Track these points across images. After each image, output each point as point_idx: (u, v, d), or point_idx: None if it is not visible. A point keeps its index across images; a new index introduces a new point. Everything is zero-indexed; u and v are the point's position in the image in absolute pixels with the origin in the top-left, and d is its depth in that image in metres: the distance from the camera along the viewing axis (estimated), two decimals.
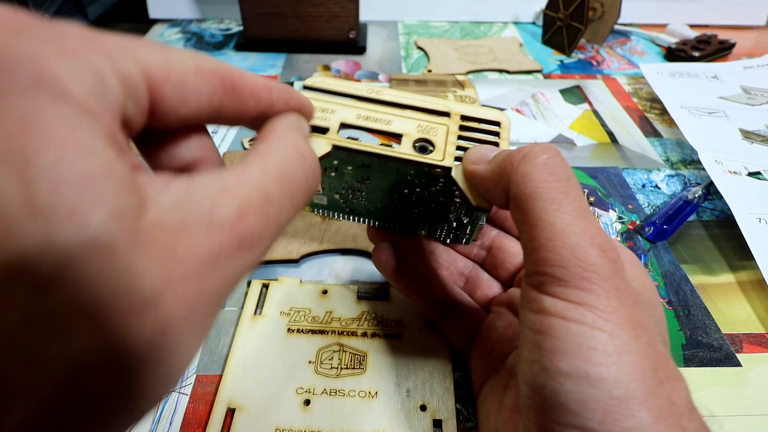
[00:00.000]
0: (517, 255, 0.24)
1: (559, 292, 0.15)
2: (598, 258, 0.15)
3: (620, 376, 0.13)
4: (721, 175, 0.34)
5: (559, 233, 0.15)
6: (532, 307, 0.15)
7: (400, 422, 0.22)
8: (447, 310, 0.24)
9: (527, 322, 0.15)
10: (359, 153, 0.20)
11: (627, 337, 0.14)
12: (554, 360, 0.14)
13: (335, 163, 0.22)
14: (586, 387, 0.13)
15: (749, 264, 0.30)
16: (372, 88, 0.22)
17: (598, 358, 0.14)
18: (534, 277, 0.15)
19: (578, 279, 0.14)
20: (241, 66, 0.50)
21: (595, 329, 0.14)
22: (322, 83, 0.22)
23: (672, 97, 0.43)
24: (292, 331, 0.26)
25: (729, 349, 0.26)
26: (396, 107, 0.22)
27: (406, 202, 0.23)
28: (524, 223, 0.16)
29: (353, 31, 0.51)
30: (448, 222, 0.24)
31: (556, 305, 0.14)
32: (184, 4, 0.58)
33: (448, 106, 0.22)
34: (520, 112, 0.44)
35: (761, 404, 0.24)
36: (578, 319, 0.14)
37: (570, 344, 0.14)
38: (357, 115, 0.21)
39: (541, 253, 0.15)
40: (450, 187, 0.22)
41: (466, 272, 0.25)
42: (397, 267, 0.24)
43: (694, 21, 0.59)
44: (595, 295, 0.14)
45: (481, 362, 0.22)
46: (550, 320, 0.14)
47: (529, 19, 0.60)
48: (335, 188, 0.23)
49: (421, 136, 0.21)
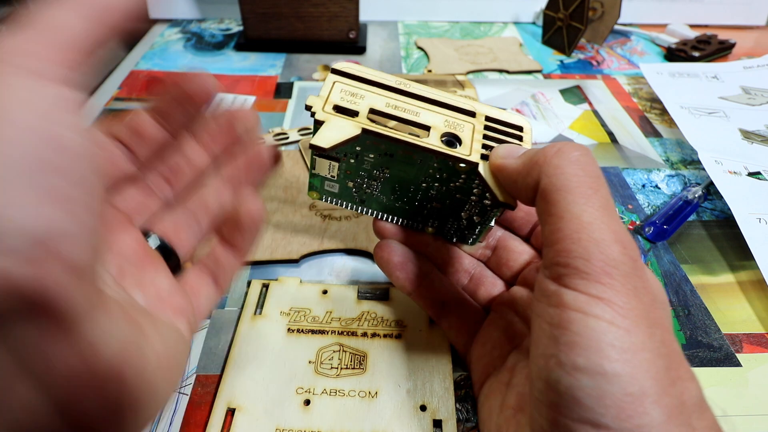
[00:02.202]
0: (522, 254, 0.24)
1: (580, 284, 0.15)
2: (621, 255, 0.15)
3: (636, 373, 0.14)
4: (721, 175, 0.34)
5: (586, 226, 0.15)
6: (551, 301, 0.15)
7: (400, 422, 0.22)
8: (447, 309, 0.24)
9: (544, 317, 0.15)
10: (387, 140, 0.20)
11: (643, 335, 0.14)
12: (571, 355, 0.14)
13: (358, 149, 0.21)
14: (602, 383, 0.14)
15: (749, 264, 0.30)
16: (400, 80, 0.22)
17: (615, 355, 0.14)
18: (554, 269, 0.15)
19: (600, 273, 0.15)
20: (241, 66, 0.50)
21: (613, 325, 0.14)
22: (351, 68, 0.21)
23: (672, 97, 0.43)
24: (292, 331, 0.26)
25: (729, 349, 0.26)
26: (423, 101, 0.22)
27: (420, 197, 0.23)
28: (551, 215, 0.16)
29: (353, 31, 0.51)
30: (459, 220, 0.24)
31: (576, 299, 0.15)
32: (184, 4, 0.58)
33: (474, 106, 0.22)
34: (520, 112, 0.44)
35: (761, 404, 0.24)
36: (597, 314, 0.14)
37: (588, 339, 0.14)
38: (386, 103, 0.21)
39: (565, 243, 0.15)
40: (470, 185, 0.22)
41: (471, 270, 0.26)
42: (399, 265, 0.24)
43: (694, 21, 0.59)
44: (615, 291, 0.14)
45: (482, 361, 0.22)
46: (569, 314, 0.15)
47: (529, 19, 0.60)
48: (351, 176, 0.23)
49: (448, 131, 0.21)
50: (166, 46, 0.53)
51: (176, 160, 0.22)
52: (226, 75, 0.48)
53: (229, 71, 0.49)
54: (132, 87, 0.46)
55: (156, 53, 0.52)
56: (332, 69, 0.21)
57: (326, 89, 0.21)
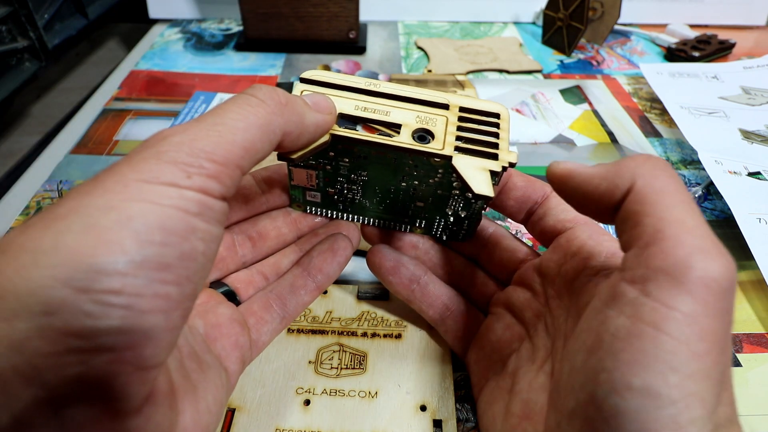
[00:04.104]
0: (515, 252, 0.24)
1: (666, 294, 0.13)
2: (723, 268, 0.13)
3: (691, 402, 0.13)
4: (721, 175, 0.34)
5: (691, 230, 0.14)
6: (624, 310, 0.14)
7: (400, 422, 0.22)
8: (443, 312, 0.24)
9: (608, 325, 0.14)
10: (357, 143, 0.20)
11: (711, 362, 0.13)
12: (628, 374, 0.13)
13: (331, 154, 0.21)
14: (652, 407, 0.13)
15: (749, 264, 0.30)
16: (370, 81, 0.22)
17: (676, 380, 0.13)
18: (643, 271, 0.14)
19: (697, 285, 0.13)
20: (241, 66, 0.50)
21: (684, 346, 0.13)
22: (318, 76, 0.21)
23: (672, 97, 0.43)
24: (292, 331, 0.26)
25: None
26: (394, 99, 0.21)
27: (402, 197, 0.23)
28: (648, 215, 0.15)
29: (353, 31, 0.51)
30: (445, 217, 0.24)
31: (654, 312, 0.13)
32: (184, 4, 0.58)
33: (447, 98, 0.21)
34: (520, 112, 0.44)
35: (761, 404, 0.24)
36: (671, 332, 0.13)
37: (652, 360, 0.13)
38: (355, 106, 0.21)
39: (665, 245, 0.14)
40: (448, 179, 0.22)
41: (462, 270, 0.25)
42: (391, 270, 0.24)
43: (694, 21, 0.59)
44: (703, 308, 0.13)
45: (480, 364, 0.22)
46: (640, 328, 0.13)
47: (529, 19, 0.60)
48: (330, 183, 0.23)
49: (420, 126, 0.20)
50: (166, 46, 0.53)
51: (265, 225, 0.24)
52: (226, 75, 0.48)
53: (229, 71, 0.49)
54: (132, 87, 0.46)
55: (156, 53, 0.52)
56: (300, 78, 0.21)
57: None
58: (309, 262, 0.23)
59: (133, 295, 0.12)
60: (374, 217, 0.25)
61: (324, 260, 0.23)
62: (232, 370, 0.19)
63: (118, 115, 0.42)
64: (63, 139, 0.40)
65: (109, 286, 0.11)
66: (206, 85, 0.46)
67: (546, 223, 0.22)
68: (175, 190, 0.13)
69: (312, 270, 0.23)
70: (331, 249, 0.24)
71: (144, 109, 0.43)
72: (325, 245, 0.24)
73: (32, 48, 0.45)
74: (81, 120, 0.42)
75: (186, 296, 0.13)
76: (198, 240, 0.13)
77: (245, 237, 0.23)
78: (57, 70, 0.57)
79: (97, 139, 0.39)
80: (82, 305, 0.11)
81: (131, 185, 0.12)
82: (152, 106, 0.43)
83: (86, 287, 0.11)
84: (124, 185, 0.12)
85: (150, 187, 0.13)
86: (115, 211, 0.12)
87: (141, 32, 0.56)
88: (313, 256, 0.23)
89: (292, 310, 0.23)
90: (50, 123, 0.50)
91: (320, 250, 0.24)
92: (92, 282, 0.11)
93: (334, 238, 0.24)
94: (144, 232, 0.12)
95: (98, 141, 0.39)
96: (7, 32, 0.43)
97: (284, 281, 0.23)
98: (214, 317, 0.20)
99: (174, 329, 0.13)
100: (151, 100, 0.44)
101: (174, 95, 0.45)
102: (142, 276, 0.12)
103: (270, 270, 0.24)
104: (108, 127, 0.41)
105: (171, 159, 0.13)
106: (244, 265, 0.24)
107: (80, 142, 0.39)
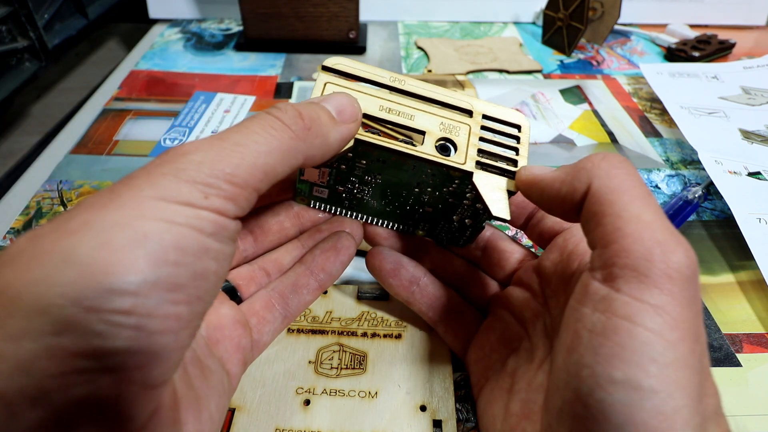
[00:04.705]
0: (513, 254, 0.24)
1: (635, 289, 0.14)
2: (684, 258, 0.14)
3: (673, 391, 0.13)
4: (721, 175, 0.34)
5: (648, 225, 0.14)
6: (597, 306, 0.14)
7: (400, 422, 0.22)
8: (443, 314, 0.24)
9: (585, 323, 0.14)
10: (380, 149, 0.20)
11: (687, 349, 0.13)
12: (608, 368, 0.13)
13: (350, 155, 0.21)
14: (636, 399, 0.13)
15: (749, 264, 0.30)
16: (394, 75, 0.21)
17: (655, 370, 0.13)
18: (609, 270, 0.14)
19: (661, 276, 0.13)
20: (241, 66, 0.50)
21: (659, 337, 0.13)
22: (342, 65, 0.20)
23: (672, 97, 0.43)
24: (292, 331, 0.26)
25: (729, 349, 0.26)
26: (418, 99, 0.21)
27: (412, 201, 0.23)
28: (607, 215, 0.15)
29: (353, 31, 0.51)
30: (450, 223, 0.24)
31: (626, 306, 0.14)
32: (184, 4, 0.58)
33: (471, 104, 0.21)
34: (520, 112, 0.44)
35: (761, 404, 0.24)
36: (646, 324, 0.13)
37: (630, 352, 0.13)
38: (379, 105, 0.20)
39: (626, 242, 0.14)
40: (462, 189, 0.21)
41: (462, 271, 0.25)
42: (391, 273, 0.24)
43: (694, 21, 0.59)
44: (671, 298, 0.13)
45: (480, 364, 0.22)
46: (615, 322, 0.14)
47: (529, 19, 0.60)
48: (341, 182, 0.23)
49: (443, 135, 0.20)
50: (166, 46, 0.53)
51: (267, 219, 0.24)
52: (226, 75, 0.48)
53: (229, 71, 0.49)
54: (132, 87, 0.46)
55: (156, 53, 0.52)
56: (323, 66, 0.21)
57: (318, 90, 0.20)
58: (312, 260, 0.23)
59: (143, 316, 0.11)
60: (378, 218, 0.25)
61: (327, 258, 0.23)
62: (234, 373, 0.19)
63: (118, 115, 0.42)
64: (63, 139, 0.40)
65: (120, 306, 0.11)
66: (206, 85, 0.46)
67: (544, 225, 0.22)
68: (192, 210, 0.13)
69: (315, 268, 0.23)
70: (335, 247, 0.23)
71: (144, 109, 0.43)
72: (329, 243, 0.24)
73: (32, 48, 0.45)
74: (81, 120, 0.42)
75: (196, 315, 0.13)
76: (211, 260, 0.13)
77: (246, 231, 0.23)
78: (57, 70, 0.57)
79: (97, 139, 0.39)
80: (92, 325, 0.11)
81: (147, 202, 0.12)
82: (152, 106, 0.43)
83: (97, 306, 0.11)
84: (140, 202, 0.12)
85: (166, 206, 0.12)
86: (129, 229, 0.12)
87: (141, 32, 0.56)
88: (316, 254, 0.23)
89: (293, 309, 0.23)
90: (50, 123, 0.50)
91: (323, 248, 0.23)
92: (103, 301, 0.11)
93: (338, 236, 0.24)
94: (158, 251, 0.12)
95: (98, 141, 0.39)
96: (7, 32, 0.43)
97: (287, 279, 0.23)
98: (216, 318, 0.20)
99: (183, 348, 0.13)
100: (151, 100, 0.44)
101: (174, 95, 0.45)
102: (154, 296, 0.12)
103: (272, 266, 0.24)
104: (108, 127, 0.41)
105: (190, 178, 0.13)
106: (245, 259, 0.23)
107: (80, 142, 0.39)
